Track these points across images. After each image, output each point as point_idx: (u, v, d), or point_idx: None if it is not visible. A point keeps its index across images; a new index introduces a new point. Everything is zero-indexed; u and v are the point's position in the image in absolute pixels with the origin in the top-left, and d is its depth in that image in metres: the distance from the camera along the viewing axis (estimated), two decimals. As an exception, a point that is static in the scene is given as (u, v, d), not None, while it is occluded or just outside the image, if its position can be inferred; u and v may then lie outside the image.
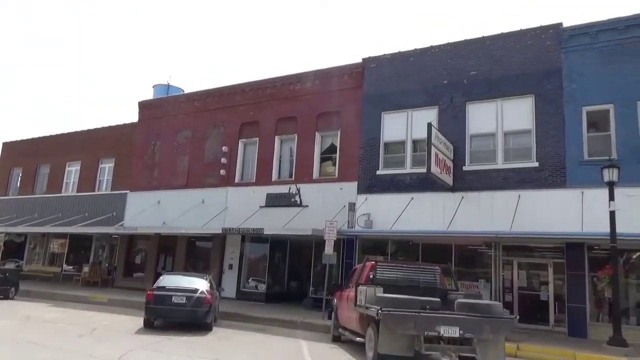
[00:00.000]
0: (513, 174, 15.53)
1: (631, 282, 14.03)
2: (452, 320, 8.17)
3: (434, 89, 17.44)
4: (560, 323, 14.35)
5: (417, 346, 8.07)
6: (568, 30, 15.64)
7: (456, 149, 16.43)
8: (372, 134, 18.31)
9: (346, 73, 19.72)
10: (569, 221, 13.74)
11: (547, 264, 15.14)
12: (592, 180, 13.49)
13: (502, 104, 16.26)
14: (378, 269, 10.47)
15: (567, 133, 14.96)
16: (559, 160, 14.91)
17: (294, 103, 20.69)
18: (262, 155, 21.02)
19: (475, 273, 16.11)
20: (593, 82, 14.86)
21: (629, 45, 14.60)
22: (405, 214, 16.46)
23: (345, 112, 19.23)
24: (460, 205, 15.78)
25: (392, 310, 8.15)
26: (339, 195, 18.31)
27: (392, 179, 17.56)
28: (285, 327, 14.06)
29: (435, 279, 10.84)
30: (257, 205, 20.07)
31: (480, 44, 17.01)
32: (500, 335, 8.40)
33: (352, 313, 10.28)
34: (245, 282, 20.55)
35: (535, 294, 15.18)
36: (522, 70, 16.04)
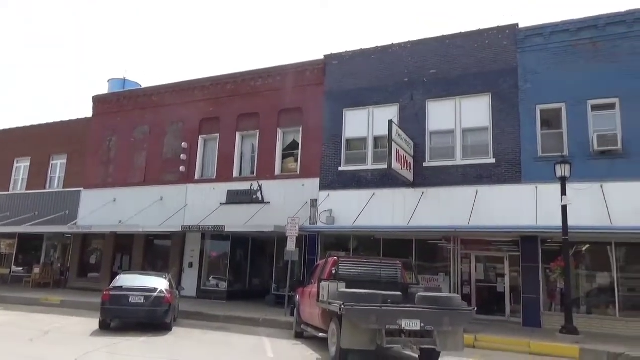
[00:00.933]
0: (471, 170, 15.92)
1: (582, 273, 14.67)
2: (413, 314, 8.27)
3: (395, 87, 17.64)
4: (516, 313, 14.86)
5: (379, 340, 8.12)
6: (523, 31, 16.15)
7: (417, 146, 16.68)
8: (334, 131, 18.34)
9: (308, 69, 19.66)
10: (524, 215, 14.22)
11: (504, 257, 15.63)
12: (545, 176, 13.99)
13: (460, 101, 16.62)
14: (340, 265, 10.47)
15: (522, 130, 15.45)
16: (515, 157, 15.39)
17: (255, 99, 20.46)
18: (222, 152, 20.68)
19: (435, 267, 16.45)
20: (546, 82, 15.40)
21: (579, 47, 15.22)
22: (367, 209, 16.60)
23: (307, 108, 19.18)
24: (420, 201, 16.05)
25: (354, 305, 8.17)
26: (301, 191, 18.27)
27: (353, 175, 17.66)
28: (247, 324, 13.90)
29: (397, 274, 10.96)
30: (218, 202, 19.75)
31: (440, 43, 17.31)
32: (459, 326, 8.58)
33: (314, 309, 10.26)
34: (206, 281, 20.20)
35: (492, 286, 15.66)
36: (480, 69, 16.44)
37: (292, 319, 12.62)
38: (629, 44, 14.59)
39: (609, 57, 14.74)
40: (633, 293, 13.99)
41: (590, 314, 14.10)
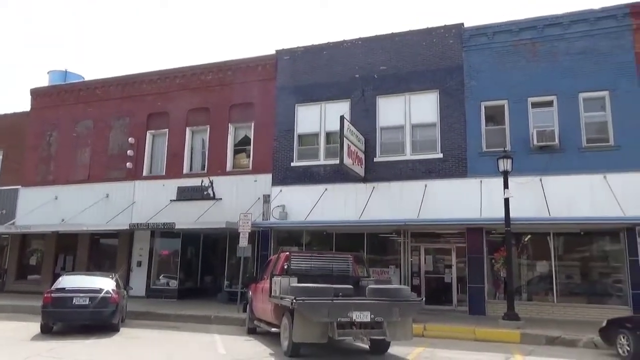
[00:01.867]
0: (420, 164, 16.35)
1: (523, 262, 15.43)
2: (364, 306, 8.44)
3: (346, 82, 17.81)
4: (463, 303, 15.45)
5: (331, 332, 8.23)
6: (468, 31, 16.72)
7: (367, 141, 16.94)
8: (286, 126, 18.31)
9: (260, 65, 19.50)
10: (470, 208, 14.78)
11: (451, 248, 16.20)
12: (489, 170, 14.59)
13: (410, 98, 17.02)
14: (292, 260, 10.51)
15: (468, 126, 16.03)
16: (461, 152, 15.94)
17: (205, 94, 20.08)
18: (172, 147, 20.18)
19: (386, 260, 16.81)
20: (490, 79, 16.04)
21: (520, 47, 15.93)
22: (320, 204, 16.72)
23: (259, 103, 19.04)
24: (371, 195, 16.33)
25: (305, 299, 8.23)
26: (253, 187, 18.15)
27: (306, 171, 17.72)
28: (199, 322, 13.69)
29: (348, 267, 11.12)
30: (168, 199, 19.28)
31: (389, 40, 17.63)
32: (408, 316, 8.83)
33: (267, 304, 10.26)
34: (155, 279, 19.69)
35: (440, 276, 16.21)
36: (428, 66, 16.89)
37: (245, 315, 12.55)
38: (565, 44, 15.42)
39: (547, 57, 15.53)
40: (570, 280, 14.88)
41: (531, 301, 14.87)
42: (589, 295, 14.51)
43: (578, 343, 10.74)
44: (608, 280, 14.52)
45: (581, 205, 13.96)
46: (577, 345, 10.71)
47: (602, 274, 14.70)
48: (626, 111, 14.41)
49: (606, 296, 14.38)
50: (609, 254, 14.71)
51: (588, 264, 14.87)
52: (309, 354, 8.94)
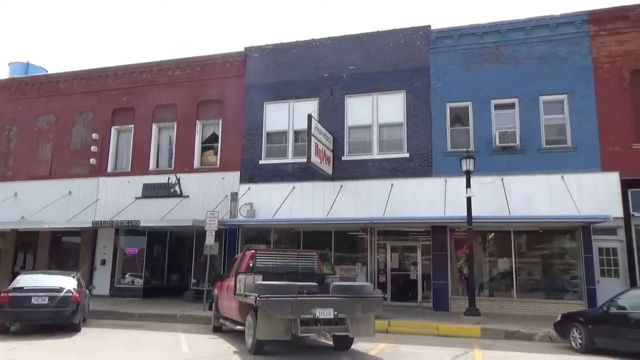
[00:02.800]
0: (387, 163, 16.59)
1: (485, 260, 15.89)
2: (327, 303, 8.53)
3: (315, 81, 17.89)
4: (427, 299, 15.79)
5: (295, 329, 8.29)
6: (435, 33, 17.03)
7: (336, 140, 17.07)
8: (255, 124, 18.27)
9: (228, 61, 19.36)
10: (435, 206, 15.11)
11: (417, 246, 16.52)
12: (454, 170, 14.92)
13: (377, 97, 17.23)
14: (258, 258, 10.51)
15: (434, 126, 16.36)
16: (427, 152, 16.26)
17: (173, 90, 19.81)
18: (138, 144, 19.82)
19: (353, 257, 17.01)
20: (455, 81, 16.40)
21: (485, 50, 16.35)
22: (287, 202, 16.76)
23: (227, 100, 18.92)
24: (339, 194, 16.47)
25: (269, 297, 8.27)
26: (221, 185, 18.04)
27: (274, 169, 17.72)
28: (164, 321, 13.53)
29: (313, 265, 11.19)
30: (133, 196, 18.96)
31: (358, 40, 17.80)
32: (370, 313, 8.97)
33: (232, 302, 10.24)
34: (120, 278, 19.33)
35: (406, 273, 16.51)
36: (395, 67, 17.13)
37: (211, 313, 12.48)
38: (527, 49, 15.91)
39: (510, 60, 16.00)
40: (529, 276, 15.40)
41: (492, 297, 15.33)
42: (547, 290, 15.07)
43: (535, 337, 11.15)
44: (564, 277, 15.11)
45: (540, 204, 14.47)
46: (534, 339, 11.11)
47: (559, 270, 15.28)
48: (583, 114, 14.99)
49: (562, 292, 14.96)
50: (565, 251, 15.30)
51: (546, 261, 15.43)
52: (273, 351, 8.98)
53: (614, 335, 9.27)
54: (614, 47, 15.10)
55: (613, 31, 15.19)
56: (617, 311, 9.44)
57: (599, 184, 14.36)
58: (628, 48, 14.99)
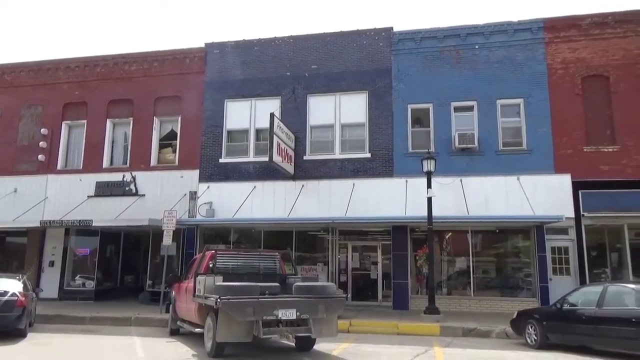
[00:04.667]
0: (349, 163, 16.61)
1: (444, 259, 16.16)
2: (289, 303, 8.39)
3: (277, 80, 17.70)
4: (387, 298, 15.91)
5: (256, 331, 8.11)
6: (397, 35, 17.20)
7: (297, 139, 16.94)
8: (215, 122, 17.89)
9: (188, 57, 18.87)
10: (395, 206, 15.25)
11: (377, 245, 16.62)
12: (414, 170, 15.10)
13: (340, 97, 17.23)
14: (218, 258, 10.25)
15: (395, 127, 16.51)
16: (388, 152, 16.39)
17: (129, 84, 19.10)
18: (91, 140, 18.99)
19: (314, 257, 16.93)
20: (417, 83, 16.62)
21: (445, 53, 16.65)
22: (248, 202, 16.50)
23: (187, 97, 18.43)
24: (300, 193, 16.35)
25: (230, 298, 8.06)
26: (179, 183, 17.56)
27: (235, 167, 17.41)
28: (117, 325, 12.98)
29: (275, 265, 11.03)
30: (85, 195, 18.14)
31: (321, 39, 17.74)
32: (333, 313, 8.91)
33: (190, 304, 9.93)
34: (70, 280, 18.42)
35: (367, 273, 16.58)
36: (358, 67, 17.18)
37: (168, 316, 12.08)
38: (486, 53, 16.32)
39: (469, 64, 16.36)
40: (485, 275, 15.80)
41: (451, 295, 15.62)
42: (502, 288, 15.50)
43: (491, 334, 11.42)
44: (519, 275, 15.59)
45: (497, 205, 14.87)
46: (491, 335, 11.38)
47: (514, 268, 15.76)
48: (538, 118, 15.52)
49: (517, 289, 15.42)
50: (520, 250, 15.79)
51: (502, 260, 15.88)
52: (234, 353, 8.76)
53: (567, 331, 9.61)
54: (567, 54, 15.72)
55: (566, 39, 15.81)
56: (569, 308, 9.78)
57: (552, 185, 14.90)
58: (580, 55, 15.64)
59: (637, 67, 15.19)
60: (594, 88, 15.47)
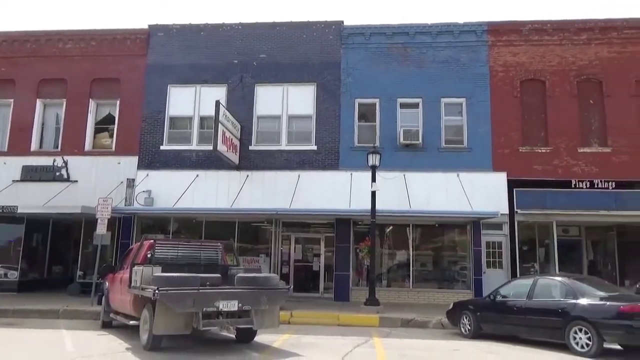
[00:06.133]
0: (295, 155, 16.50)
1: (385, 252, 16.49)
2: (231, 295, 8.20)
3: (224, 67, 17.25)
4: (329, 290, 16.01)
5: (195, 323, 7.87)
6: (347, 29, 17.25)
7: (243, 129, 16.62)
8: (157, 107, 17.19)
9: (129, 38, 17.98)
10: (340, 199, 15.32)
11: (320, 238, 16.67)
12: (359, 164, 15.23)
13: (288, 88, 17.06)
14: (156, 248, 9.83)
15: (342, 121, 16.58)
16: (334, 145, 16.43)
17: (63, 63, 17.92)
18: (17, 120, 17.66)
19: (257, 248, 16.74)
20: (365, 78, 16.75)
21: (394, 50, 16.88)
22: (190, 191, 16.01)
23: (127, 80, 17.56)
24: (245, 184, 16.08)
25: (169, 289, 7.74)
26: (116, 170, 16.76)
27: (177, 155, 16.83)
28: (44, 317, 12.17)
29: (217, 256, 10.74)
30: (10, 179, 16.89)
31: (271, 29, 17.46)
32: (275, 304, 8.80)
33: (126, 295, 9.45)
34: (-10, 271, 17.09)
35: (309, 265, 16.62)
36: (307, 59, 17.07)
37: (100, 308, 11.48)
38: (432, 52, 16.71)
39: (416, 62, 16.69)
40: (424, 267, 16.28)
41: (390, 287, 15.97)
42: (439, 280, 16.05)
43: (429, 324, 11.76)
44: (455, 268, 16.19)
45: (438, 200, 15.31)
46: (428, 326, 11.72)
47: (450, 262, 16.34)
48: (479, 118, 16.11)
49: (453, 281, 16.01)
50: (457, 244, 16.38)
51: (439, 253, 16.41)
52: (171, 346, 8.45)
53: (499, 321, 10.05)
54: (508, 57, 16.41)
55: (508, 43, 16.50)
56: (502, 299, 10.23)
57: (490, 182, 15.54)
58: (520, 60, 16.37)
59: (571, 73, 16.12)
60: (531, 91, 16.27)
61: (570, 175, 15.52)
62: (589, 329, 8.25)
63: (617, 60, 16.04)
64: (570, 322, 8.54)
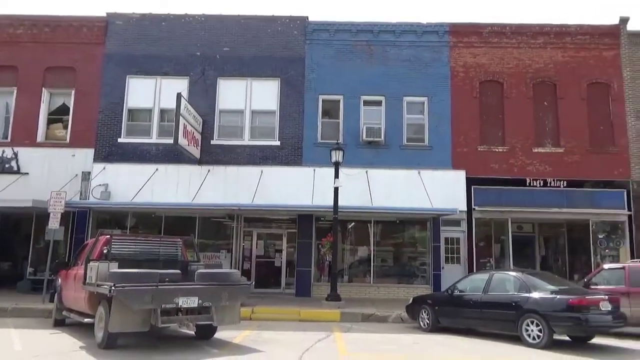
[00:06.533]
0: (258, 150, 16.37)
1: (347, 247, 16.62)
2: (191, 291, 8.06)
3: (186, 59, 16.90)
4: (290, 286, 16.01)
5: (154, 320, 7.69)
6: (312, 25, 17.22)
7: (205, 122, 16.35)
8: (114, 98, 16.66)
9: (86, 26, 17.33)
10: (302, 195, 15.33)
11: (282, 233, 16.62)
12: (323, 160, 15.27)
13: (251, 83, 16.89)
14: (113, 244, 9.51)
15: (306, 117, 16.56)
16: (298, 141, 16.40)
17: (14, 49, 17.09)
18: (-36, 109, 16.73)
19: (218, 244, 16.54)
20: (329, 74, 16.79)
21: (358, 47, 16.98)
22: (149, 185, 15.63)
23: (83, 69, 16.93)
24: (206, 178, 15.83)
25: (126, 286, 7.52)
26: (70, 162, 16.17)
27: (135, 148, 16.37)
28: (-10, 316, 11.60)
29: (177, 252, 10.51)
30: (-46, 171, 15.97)
31: (234, 21, 17.22)
32: (237, 301, 8.72)
33: (80, 293, 9.12)
34: None
35: (271, 261, 16.55)
36: (272, 53, 16.93)
37: (52, 305, 11.03)
38: (396, 51, 16.91)
39: (380, 60, 16.85)
40: (384, 263, 16.52)
41: (352, 282, 16.12)
42: (399, 276, 16.33)
43: (388, 319, 11.96)
44: (415, 263, 16.51)
45: (399, 197, 15.54)
46: (388, 320, 11.91)
47: (411, 257, 16.65)
48: (439, 117, 16.45)
49: (413, 277, 16.32)
50: (417, 240, 16.70)
51: (400, 249, 16.69)
52: (128, 344, 8.22)
53: (456, 315, 10.32)
54: (468, 58, 16.81)
55: (468, 44, 16.90)
56: (459, 294, 10.50)
57: (449, 180, 15.91)
58: (480, 61, 16.80)
59: (527, 76, 16.69)
60: (490, 92, 16.75)
61: (525, 174, 16.11)
62: (540, 322, 8.59)
63: (570, 65, 16.74)
64: (522, 315, 8.87)
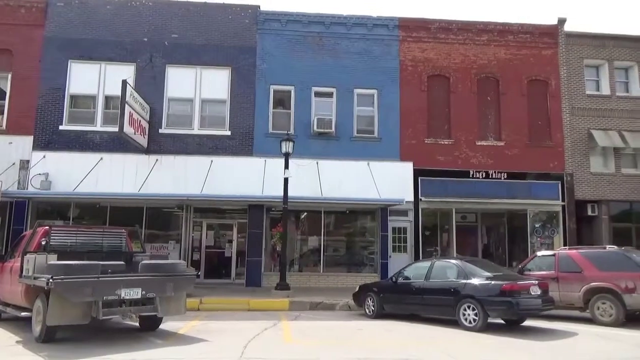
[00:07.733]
0: (207, 140, 16.17)
1: (298, 238, 16.76)
2: (134, 282, 7.94)
3: (132, 45, 16.41)
4: (241, 276, 16.02)
5: (95, 312, 7.53)
6: (264, 14, 17.11)
7: (153, 111, 15.98)
8: (55, 83, 15.96)
9: (24, 6, 16.50)
10: (253, 185, 15.33)
11: (233, 224, 16.57)
12: (274, 151, 15.28)
13: (201, 71, 16.62)
14: (52, 235, 9.20)
15: (257, 107, 16.50)
16: (248, 131, 16.33)
17: (-57, 29, 15.99)
18: None
19: (167, 235, 16.29)
20: (281, 65, 16.75)
21: (309, 38, 17.03)
22: (93, 175, 15.16)
23: (21, 52, 16.10)
24: (154, 168, 15.51)
25: (65, 278, 7.33)
26: (7, 150, 15.44)
27: (78, 136, 15.79)
28: None
29: (121, 243, 10.28)
30: None
31: (184, 8, 16.87)
32: (182, 291, 8.66)
33: (16, 286, 8.77)
34: None
35: (221, 251, 16.49)
36: (222, 42, 16.71)
37: (-14, 300, 10.54)
38: (347, 43, 17.08)
39: (331, 52, 16.99)
40: (334, 253, 16.81)
41: (302, 272, 16.31)
42: (349, 265, 16.67)
43: (336, 306, 12.21)
44: (364, 252, 16.89)
45: (349, 188, 15.80)
46: (335, 308, 12.17)
47: (360, 247, 17.02)
48: (389, 109, 16.82)
49: (362, 265, 16.71)
50: (366, 230, 17.07)
51: (350, 239, 17.02)
52: (67, 337, 8.01)
53: (400, 301, 10.70)
54: (417, 53, 17.23)
55: (417, 39, 17.31)
56: (403, 281, 10.87)
57: (397, 171, 16.34)
58: (428, 56, 17.26)
59: (472, 71, 17.31)
60: (437, 86, 17.26)
61: (469, 166, 16.77)
62: (476, 306, 9.06)
63: (512, 62, 17.49)
64: (460, 300, 9.32)
